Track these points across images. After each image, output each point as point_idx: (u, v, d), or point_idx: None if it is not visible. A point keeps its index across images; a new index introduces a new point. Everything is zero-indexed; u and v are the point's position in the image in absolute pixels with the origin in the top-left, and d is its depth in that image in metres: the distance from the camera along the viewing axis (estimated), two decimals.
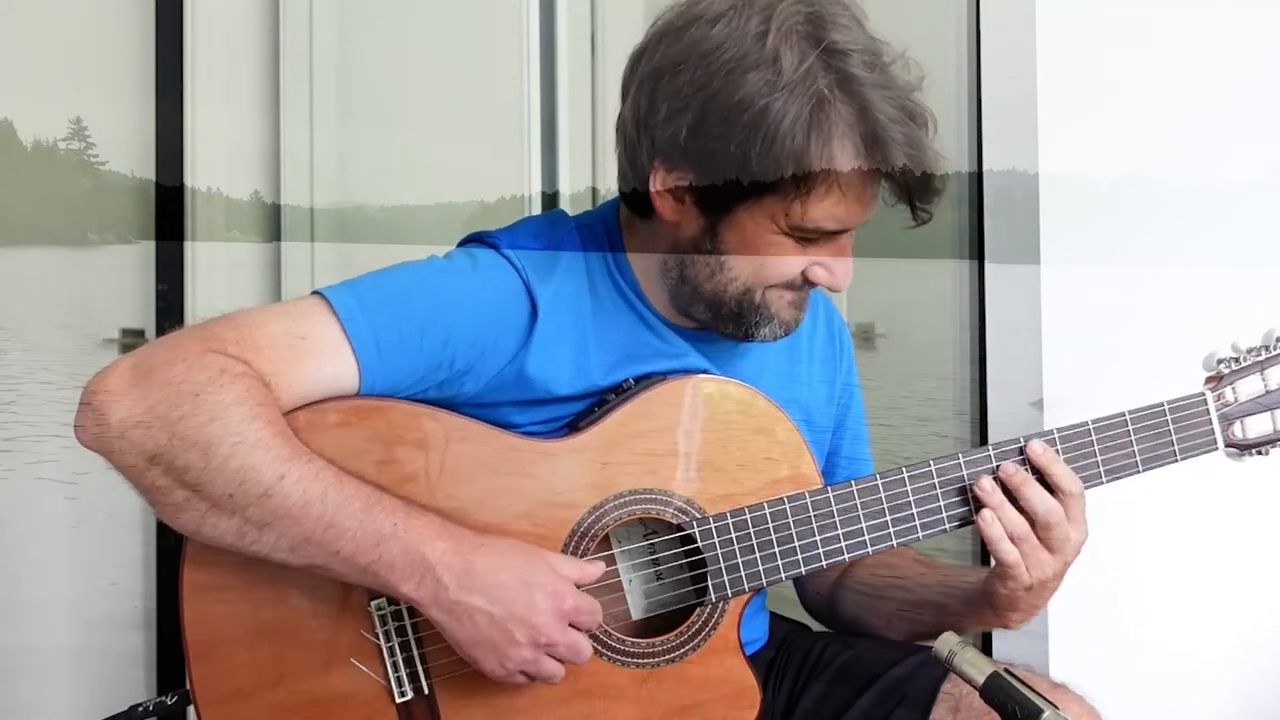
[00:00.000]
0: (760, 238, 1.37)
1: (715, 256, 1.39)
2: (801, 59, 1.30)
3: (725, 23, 1.33)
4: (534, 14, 2.78)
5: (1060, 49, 2.19)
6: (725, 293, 1.40)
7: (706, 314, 1.44)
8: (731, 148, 1.32)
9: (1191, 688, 2.21)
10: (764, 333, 1.43)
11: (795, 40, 1.31)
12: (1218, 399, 1.43)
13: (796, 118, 1.30)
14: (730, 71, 1.31)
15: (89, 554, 2.60)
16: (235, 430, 1.23)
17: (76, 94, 2.61)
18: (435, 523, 1.29)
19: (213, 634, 1.31)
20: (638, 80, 1.39)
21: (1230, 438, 1.43)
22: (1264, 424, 1.44)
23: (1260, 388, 1.43)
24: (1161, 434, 1.42)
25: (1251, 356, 1.44)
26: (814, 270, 1.40)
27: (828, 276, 1.40)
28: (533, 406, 1.41)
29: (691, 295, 1.43)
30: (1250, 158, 2.18)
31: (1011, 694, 1.14)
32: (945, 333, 2.49)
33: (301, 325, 1.32)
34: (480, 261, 1.42)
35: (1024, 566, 1.38)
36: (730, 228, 1.38)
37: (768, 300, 1.41)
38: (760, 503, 1.40)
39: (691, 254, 1.40)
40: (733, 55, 1.31)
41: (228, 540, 1.26)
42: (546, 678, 1.31)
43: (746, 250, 1.38)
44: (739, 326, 1.43)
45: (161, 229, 2.64)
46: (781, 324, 1.43)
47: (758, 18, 1.32)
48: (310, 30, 2.73)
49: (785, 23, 1.32)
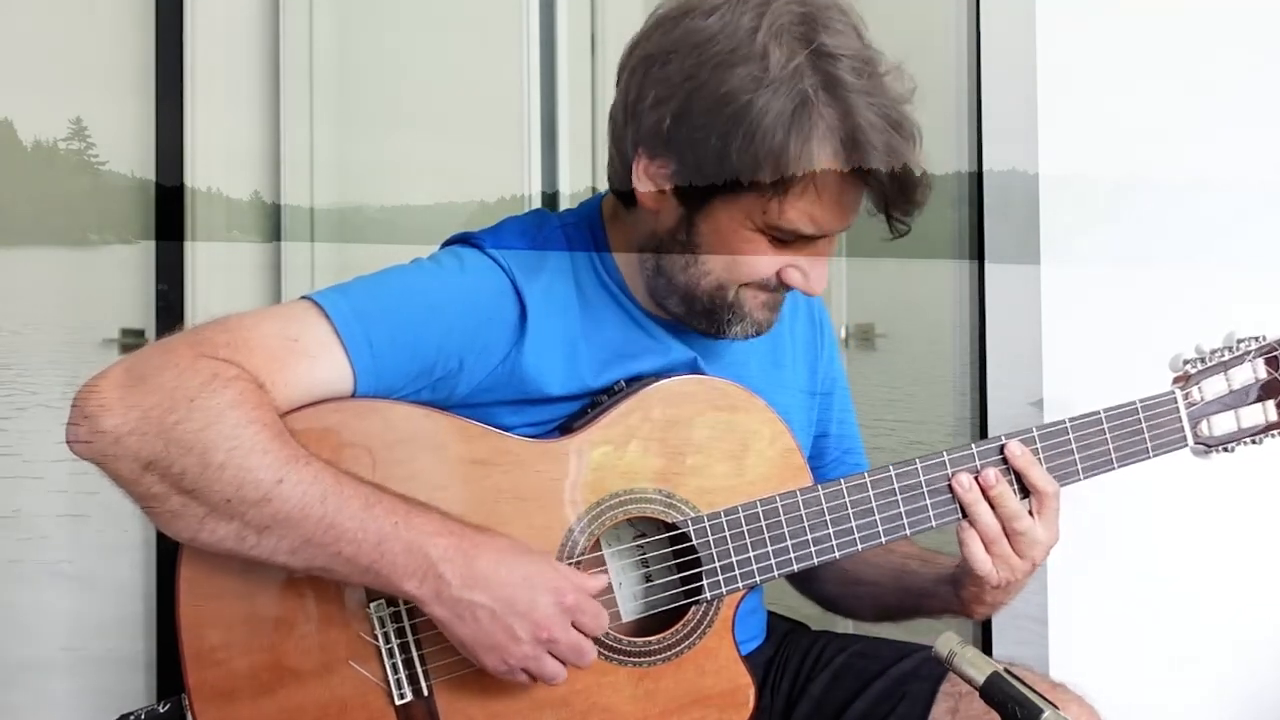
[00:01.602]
0: (735, 234, 1.37)
1: (689, 247, 1.39)
2: (790, 57, 1.30)
3: (719, 15, 1.33)
4: (534, 14, 2.78)
5: (1060, 49, 2.19)
6: (698, 287, 1.40)
7: (680, 307, 1.43)
8: (713, 139, 1.31)
9: (1192, 688, 2.21)
10: (735, 331, 1.43)
11: (786, 39, 1.31)
12: (1186, 398, 1.48)
13: (779, 114, 1.29)
14: (719, 64, 1.31)
15: (88, 556, 2.60)
16: (231, 434, 1.22)
17: (76, 94, 2.61)
18: (436, 519, 1.28)
19: (209, 638, 1.30)
20: (629, 67, 1.40)
21: (1198, 435, 1.49)
22: (1229, 422, 1.50)
23: (1225, 388, 1.50)
24: (1135, 431, 1.46)
25: (1215, 357, 1.50)
26: (788, 272, 1.39)
27: (802, 280, 1.40)
28: (525, 407, 1.41)
29: (667, 287, 1.42)
30: (1250, 158, 2.18)
31: (1011, 694, 1.14)
32: (945, 333, 2.49)
33: (294, 328, 1.32)
34: (467, 262, 1.42)
35: (994, 570, 1.40)
36: (707, 221, 1.37)
37: (741, 298, 1.41)
38: (753, 500, 1.40)
39: (668, 245, 1.40)
40: (723, 48, 1.31)
41: (227, 545, 1.25)
42: (549, 677, 1.30)
43: (721, 245, 1.38)
44: (711, 323, 1.43)
45: (161, 229, 2.64)
46: (754, 324, 1.43)
47: (751, 13, 1.32)
48: (310, 30, 2.73)
49: (778, 20, 1.32)
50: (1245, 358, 1.50)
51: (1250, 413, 1.50)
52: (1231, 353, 1.50)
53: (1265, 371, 1.50)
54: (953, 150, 2.35)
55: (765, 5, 1.32)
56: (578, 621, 1.30)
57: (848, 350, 2.69)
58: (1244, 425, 1.50)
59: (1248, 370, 1.50)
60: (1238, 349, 1.50)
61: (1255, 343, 1.51)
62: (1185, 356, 1.50)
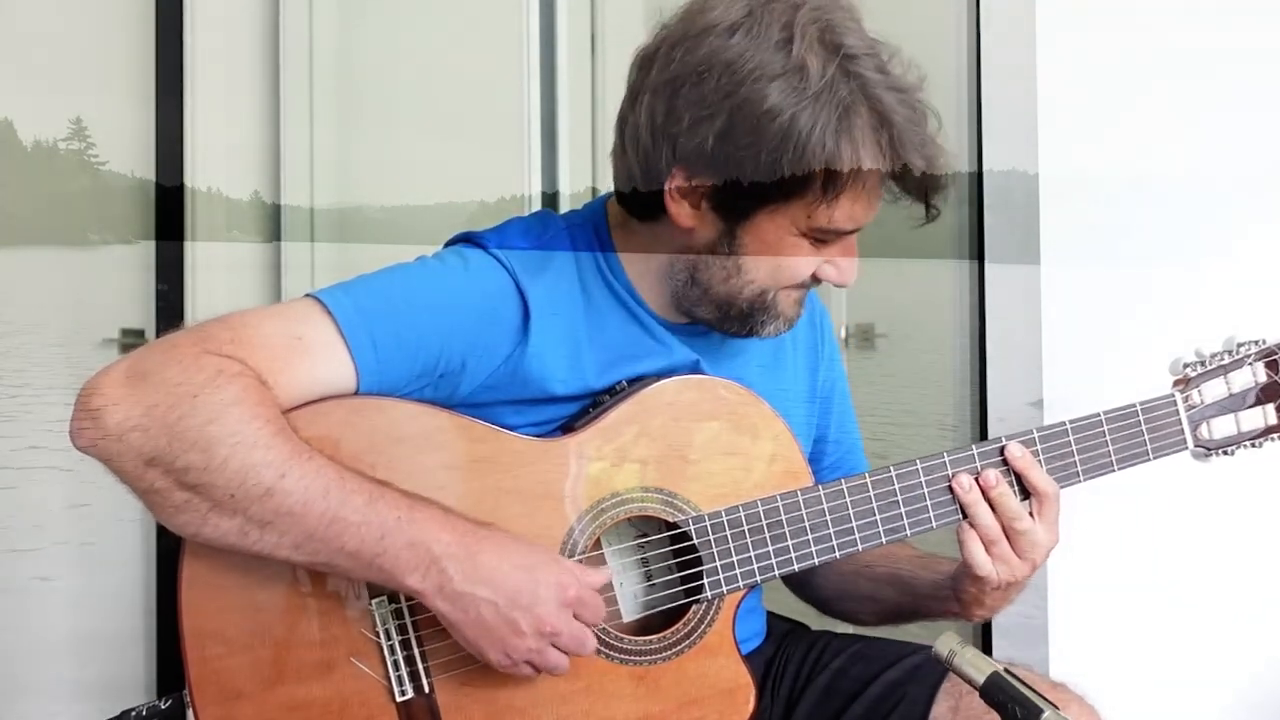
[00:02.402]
0: (780, 240, 1.40)
1: (733, 260, 1.41)
2: (824, 67, 1.33)
3: (745, 32, 1.35)
4: (534, 14, 2.78)
5: (1060, 49, 2.19)
6: (740, 295, 1.43)
7: (713, 314, 1.45)
8: (762, 155, 1.34)
9: (1191, 687, 2.21)
10: (769, 330, 1.46)
11: (818, 49, 1.34)
12: (1186, 400, 1.49)
13: (825, 125, 1.33)
14: (756, 80, 1.33)
15: (89, 553, 2.60)
16: (235, 430, 1.22)
17: (76, 94, 2.61)
18: (439, 514, 1.29)
19: (210, 635, 1.30)
20: (650, 88, 1.40)
21: (1198, 438, 1.49)
22: (1228, 425, 1.50)
23: (1224, 391, 1.50)
24: (1135, 434, 1.47)
25: (1215, 361, 1.51)
26: (824, 269, 1.43)
27: (837, 274, 1.44)
28: (528, 407, 1.41)
29: (701, 296, 1.45)
30: (1250, 158, 2.19)
31: (1011, 694, 1.14)
32: (945, 333, 2.49)
33: (297, 326, 1.32)
34: (471, 262, 1.43)
35: (994, 570, 1.41)
36: (749, 231, 1.40)
37: (778, 300, 1.44)
38: (754, 500, 1.40)
39: (706, 258, 1.43)
40: (757, 64, 1.34)
41: (230, 540, 1.25)
42: (551, 668, 1.31)
43: (764, 253, 1.41)
44: (744, 325, 1.46)
45: (161, 229, 2.64)
46: (786, 321, 1.47)
47: (778, 26, 1.35)
48: (310, 30, 2.73)
49: (806, 32, 1.34)
50: (1245, 361, 1.51)
51: (1250, 416, 1.50)
52: (1231, 356, 1.51)
53: (1265, 375, 1.51)
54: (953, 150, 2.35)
55: (790, 18, 1.35)
56: (579, 614, 1.31)
57: (848, 350, 2.69)
58: (1244, 429, 1.50)
59: (1247, 374, 1.50)
60: (1237, 352, 1.51)
61: (1255, 346, 1.51)
62: (1185, 360, 1.51)
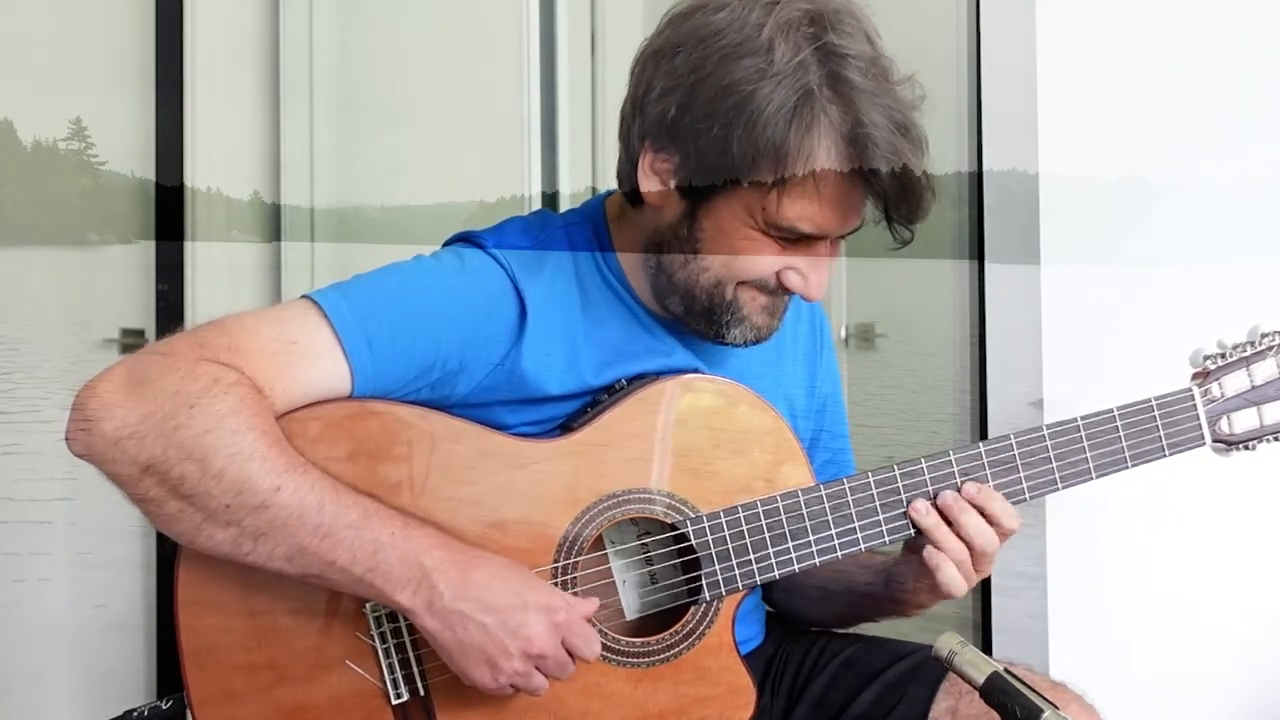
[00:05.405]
0: (737, 231, 1.36)
1: (690, 243, 1.38)
2: (795, 52, 1.30)
3: (729, 11, 1.34)
4: (534, 14, 2.78)
5: (1060, 50, 2.19)
6: (697, 284, 1.39)
7: (680, 307, 1.43)
8: (715, 129, 1.31)
9: (1191, 687, 2.21)
10: (734, 335, 1.41)
11: (793, 34, 1.31)
12: (1204, 394, 1.44)
13: (780, 106, 1.29)
14: (724, 56, 1.31)
15: (86, 557, 2.60)
16: (230, 441, 1.22)
17: (76, 94, 2.61)
18: (433, 534, 1.29)
19: (208, 637, 1.30)
20: (640, 61, 1.40)
21: (1217, 433, 1.44)
22: (1250, 419, 1.45)
23: (1247, 383, 1.45)
24: (1150, 430, 1.42)
25: (1237, 353, 1.46)
26: (787, 274, 1.38)
27: (801, 283, 1.39)
28: (525, 406, 1.40)
29: (667, 285, 1.42)
30: (1250, 157, 2.18)
31: (1011, 694, 1.14)
32: (945, 333, 2.49)
33: (293, 330, 1.32)
34: (468, 261, 1.42)
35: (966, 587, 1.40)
36: (709, 217, 1.37)
37: (739, 299, 1.40)
38: (753, 500, 1.39)
39: (670, 241, 1.40)
40: (730, 41, 1.32)
41: (224, 550, 1.25)
42: (534, 690, 1.31)
43: (723, 243, 1.37)
44: (710, 324, 1.42)
45: (161, 229, 2.64)
46: (753, 328, 1.42)
47: (760, 9, 1.33)
48: (310, 30, 2.73)
49: (786, 17, 1.32)
50: (1269, 352, 1.45)
51: (1274, 409, 1.45)
52: (1254, 347, 1.45)
53: None
54: (953, 150, 2.35)
55: (775, 3, 1.33)
56: (568, 641, 1.31)
57: (848, 350, 2.69)
58: (1267, 422, 1.45)
59: (1271, 365, 1.45)
60: (1261, 343, 1.45)
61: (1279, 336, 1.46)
62: (1206, 352, 1.46)
